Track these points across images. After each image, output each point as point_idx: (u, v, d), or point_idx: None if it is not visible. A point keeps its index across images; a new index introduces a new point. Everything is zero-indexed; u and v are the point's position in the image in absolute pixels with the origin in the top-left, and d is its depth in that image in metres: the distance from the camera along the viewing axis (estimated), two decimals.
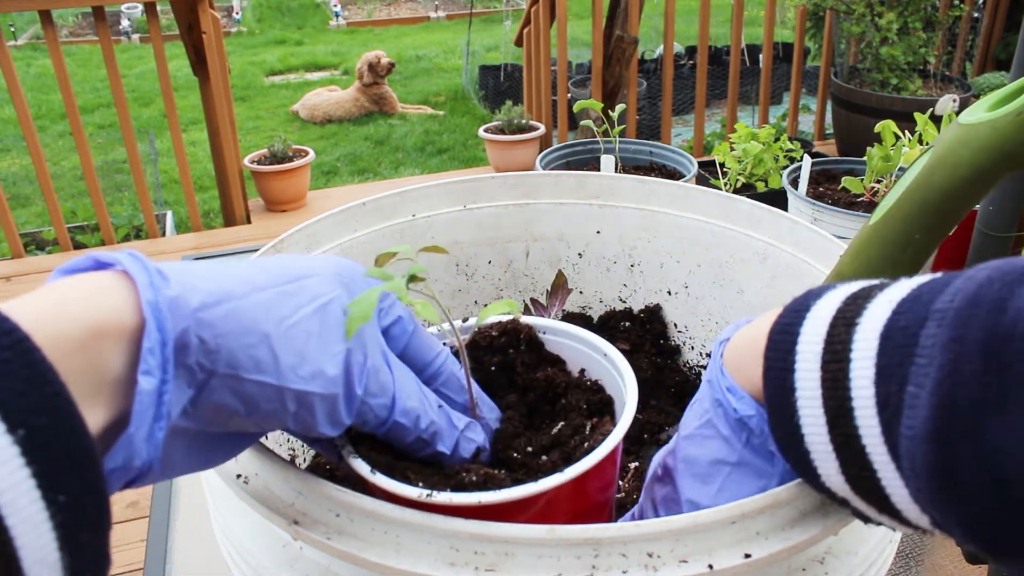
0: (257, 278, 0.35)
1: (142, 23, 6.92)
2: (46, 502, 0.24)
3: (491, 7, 7.91)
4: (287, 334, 0.34)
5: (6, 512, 0.22)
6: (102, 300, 0.29)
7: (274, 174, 3.09)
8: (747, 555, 0.34)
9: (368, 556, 0.35)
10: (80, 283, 0.30)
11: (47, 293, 0.29)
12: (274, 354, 0.34)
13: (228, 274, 0.34)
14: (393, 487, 0.37)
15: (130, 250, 0.32)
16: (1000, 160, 0.42)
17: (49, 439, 0.24)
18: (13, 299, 0.28)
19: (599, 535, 0.34)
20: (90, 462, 0.25)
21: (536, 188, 0.74)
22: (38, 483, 0.23)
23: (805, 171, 1.47)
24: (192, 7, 2.59)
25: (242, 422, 0.35)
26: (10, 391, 0.23)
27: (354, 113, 5.13)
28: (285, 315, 0.35)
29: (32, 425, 0.24)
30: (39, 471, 0.23)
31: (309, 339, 0.35)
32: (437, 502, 0.36)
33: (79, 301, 0.29)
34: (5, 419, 0.23)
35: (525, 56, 3.40)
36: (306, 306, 0.36)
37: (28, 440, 0.23)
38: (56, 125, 5.04)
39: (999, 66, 3.44)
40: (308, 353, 0.35)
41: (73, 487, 0.25)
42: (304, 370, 0.35)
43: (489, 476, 0.39)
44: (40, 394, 0.24)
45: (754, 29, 6.07)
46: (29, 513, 0.23)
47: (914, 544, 0.72)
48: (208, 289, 0.32)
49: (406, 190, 0.70)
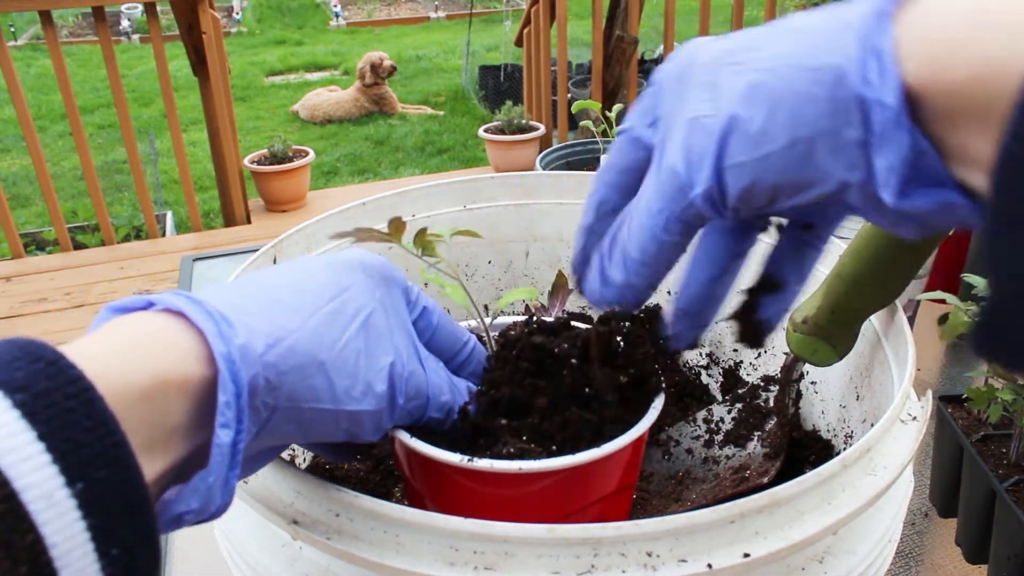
0: (303, 304, 0.35)
1: (142, 23, 6.92)
2: (98, 554, 0.23)
3: (491, 7, 7.91)
4: (339, 357, 0.35)
5: (59, 565, 0.22)
6: (167, 349, 0.29)
7: (274, 174, 3.09)
8: (746, 554, 0.35)
9: (368, 556, 0.35)
10: (142, 328, 0.30)
11: (109, 337, 0.29)
12: (330, 380, 0.34)
13: (276, 302, 0.34)
14: (435, 453, 0.38)
15: (183, 293, 0.32)
16: None
17: (107, 492, 0.24)
18: (74, 342, 0.28)
19: (598, 535, 0.34)
20: (145, 514, 0.25)
21: (536, 188, 0.74)
22: (92, 536, 0.23)
23: None
24: (192, 7, 2.59)
25: (294, 440, 0.36)
26: (72, 443, 0.23)
27: (354, 113, 5.14)
28: (336, 338, 0.35)
29: (91, 478, 0.23)
30: (94, 524, 0.23)
31: (358, 358, 0.36)
32: (478, 468, 0.37)
33: (144, 349, 0.28)
34: (65, 472, 0.23)
35: (525, 56, 3.41)
36: (351, 324, 0.36)
37: (86, 493, 0.23)
38: (56, 125, 5.05)
39: None
40: (358, 373, 0.35)
41: (126, 539, 0.24)
42: (356, 390, 0.35)
43: (524, 449, 0.39)
44: (101, 445, 0.24)
45: None
46: (81, 566, 0.23)
47: (914, 544, 0.72)
48: (266, 329, 0.32)
49: (406, 190, 0.70)
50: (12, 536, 0.21)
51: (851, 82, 0.26)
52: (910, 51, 0.25)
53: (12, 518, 0.22)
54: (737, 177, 0.30)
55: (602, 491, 0.41)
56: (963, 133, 0.24)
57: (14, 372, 0.24)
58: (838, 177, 0.28)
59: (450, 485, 0.40)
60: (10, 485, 0.22)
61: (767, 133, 0.29)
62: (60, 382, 0.24)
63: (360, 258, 0.40)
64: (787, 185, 0.30)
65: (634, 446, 0.40)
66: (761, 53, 0.30)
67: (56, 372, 0.24)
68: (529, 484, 0.38)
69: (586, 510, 0.41)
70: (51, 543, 0.22)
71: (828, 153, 0.28)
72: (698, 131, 0.31)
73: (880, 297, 0.50)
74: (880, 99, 0.25)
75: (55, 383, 0.24)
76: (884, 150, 0.26)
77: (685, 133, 0.32)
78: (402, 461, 0.43)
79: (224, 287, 0.34)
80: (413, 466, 0.42)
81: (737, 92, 0.30)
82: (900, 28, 0.25)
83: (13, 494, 0.22)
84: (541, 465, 0.37)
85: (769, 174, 0.29)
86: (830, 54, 0.27)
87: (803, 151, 0.28)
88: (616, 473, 0.41)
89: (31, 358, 0.24)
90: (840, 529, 0.39)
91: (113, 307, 0.32)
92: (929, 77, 0.24)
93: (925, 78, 0.24)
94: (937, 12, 0.24)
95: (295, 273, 0.37)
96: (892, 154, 0.25)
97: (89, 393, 0.24)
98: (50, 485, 0.22)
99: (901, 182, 0.26)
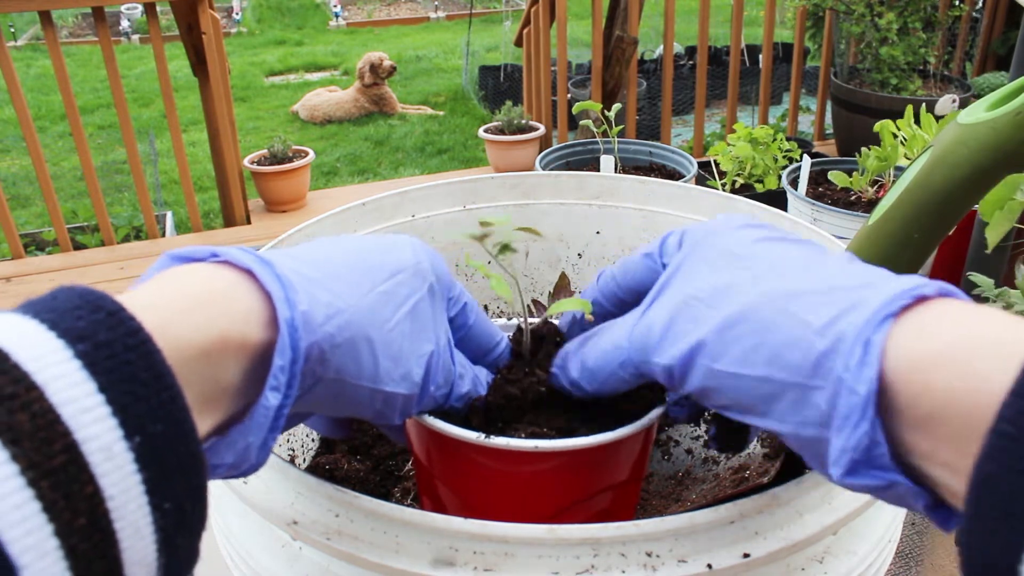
0: (361, 280, 0.35)
1: (142, 23, 6.91)
2: (151, 507, 0.23)
3: (491, 7, 7.91)
4: (387, 338, 0.35)
5: (115, 517, 0.22)
6: (230, 308, 0.29)
7: (274, 174, 3.09)
8: (746, 555, 0.35)
9: (368, 556, 0.35)
10: (206, 284, 0.29)
11: (171, 289, 0.29)
12: (375, 359, 0.34)
13: (336, 275, 0.34)
14: (451, 430, 0.38)
15: (250, 250, 0.32)
16: (999, 160, 0.43)
17: (162, 447, 0.24)
18: (134, 291, 0.28)
19: (598, 535, 0.34)
20: (197, 471, 0.25)
21: (536, 188, 0.74)
22: (146, 489, 0.23)
23: (804, 171, 1.47)
24: (192, 7, 2.59)
25: (321, 410, 0.36)
26: (131, 395, 0.23)
27: (354, 113, 5.13)
28: (386, 318, 0.35)
29: (148, 432, 0.23)
30: (149, 478, 0.23)
31: (403, 342, 0.36)
32: (493, 445, 0.37)
33: (207, 306, 0.28)
34: (123, 425, 0.23)
35: (525, 56, 3.40)
36: (402, 307, 0.36)
37: (143, 447, 0.23)
38: (56, 126, 5.04)
39: (998, 61, 3.44)
40: (401, 356, 0.36)
41: (178, 494, 0.24)
42: (396, 373, 0.35)
43: (536, 432, 0.40)
44: (158, 400, 0.24)
45: (754, 29, 6.07)
46: (135, 518, 0.23)
47: (914, 544, 0.72)
48: (326, 300, 0.32)
49: (406, 190, 0.70)
50: (72, 487, 0.21)
51: (836, 358, 0.27)
52: (897, 352, 0.26)
53: (73, 469, 0.22)
54: (703, 376, 0.32)
55: (612, 479, 0.41)
56: (929, 437, 0.25)
57: (76, 321, 0.23)
58: (791, 425, 0.30)
59: (465, 464, 0.41)
60: (72, 436, 0.22)
61: (747, 359, 0.30)
62: (120, 333, 0.24)
63: (413, 245, 0.40)
64: (743, 407, 0.31)
65: (645, 435, 0.41)
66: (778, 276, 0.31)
67: (116, 323, 0.24)
68: (543, 463, 0.39)
69: (595, 498, 0.41)
70: (108, 495, 0.22)
71: (792, 403, 0.29)
72: (689, 313, 0.33)
73: None
74: (853, 386, 0.27)
75: (115, 334, 0.24)
76: (843, 432, 0.27)
77: (678, 305, 0.34)
78: (415, 442, 0.43)
79: (286, 253, 0.34)
80: (428, 446, 0.42)
81: (738, 302, 0.31)
82: (897, 329, 0.27)
83: (74, 444, 0.22)
84: (556, 444, 0.38)
85: (732, 390, 0.31)
86: (835, 322, 0.28)
87: (771, 390, 0.30)
88: (627, 461, 0.42)
89: (92, 307, 0.24)
90: (840, 529, 0.39)
91: (174, 255, 0.31)
92: (906, 380, 0.26)
93: (903, 380, 0.26)
94: (933, 326, 0.26)
95: (353, 249, 0.37)
96: (850, 438, 0.27)
97: (148, 346, 0.24)
98: (109, 438, 0.22)
99: (851, 464, 0.27)
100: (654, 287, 0.36)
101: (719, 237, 0.35)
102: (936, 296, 0.28)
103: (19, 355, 0.22)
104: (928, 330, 0.26)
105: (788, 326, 0.29)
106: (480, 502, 0.42)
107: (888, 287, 0.28)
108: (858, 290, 0.29)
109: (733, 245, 0.34)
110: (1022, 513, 0.21)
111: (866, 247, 0.49)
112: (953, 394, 0.24)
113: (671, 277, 0.36)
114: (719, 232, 0.36)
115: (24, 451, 0.21)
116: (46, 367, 0.22)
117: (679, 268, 0.35)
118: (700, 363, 0.32)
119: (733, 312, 0.31)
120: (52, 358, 0.22)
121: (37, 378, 0.22)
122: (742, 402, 0.31)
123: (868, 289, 0.29)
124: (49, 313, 0.24)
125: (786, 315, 0.30)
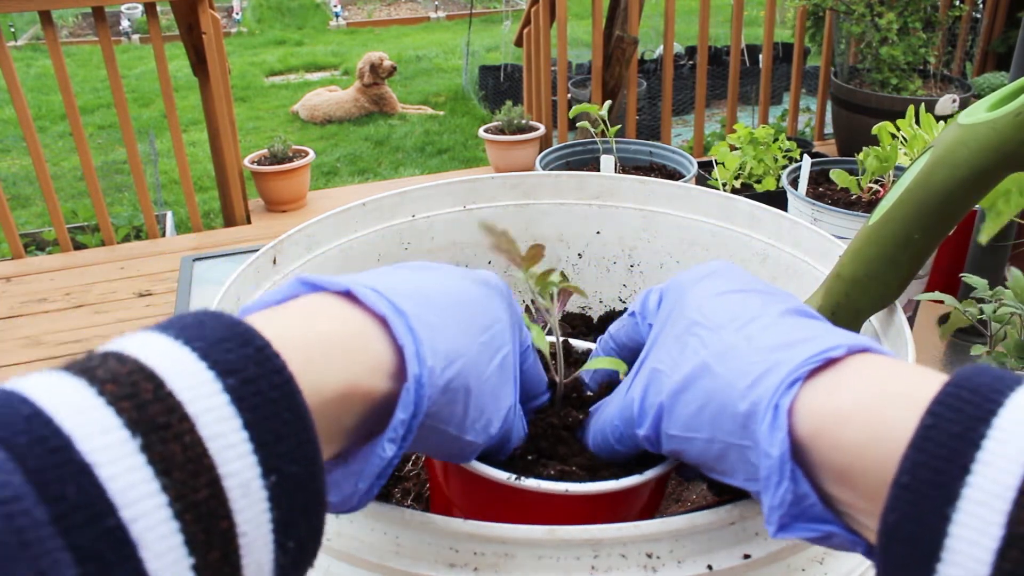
0: (470, 327, 0.34)
1: (142, 23, 6.91)
2: (276, 546, 0.24)
3: (491, 7, 7.90)
4: (481, 389, 0.34)
5: (244, 553, 0.23)
6: (364, 356, 0.29)
7: (274, 174, 3.09)
8: (746, 556, 0.35)
9: (368, 556, 0.35)
10: (341, 326, 0.29)
11: (307, 325, 0.29)
12: (467, 409, 0.34)
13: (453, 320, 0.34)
14: (483, 470, 0.38)
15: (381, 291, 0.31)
16: (999, 160, 0.42)
17: (294, 487, 0.24)
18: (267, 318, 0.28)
19: (598, 536, 0.34)
20: (320, 511, 0.26)
21: (536, 188, 0.74)
22: (274, 528, 0.23)
23: (805, 171, 1.47)
24: (192, 7, 2.59)
25: None
26: (272, 435, 0.23)
27: (354, 113, 5.13)
28: (482, 371, 0.35)
29: (284, 472, 0.24)
30: (278, 517, 0.24)
31: (491, 395, 0.35)
32: (524, 487, 0.37)
33: (342, 353, 0.28)
34: (262, 463, 0.23)
35: (525, 56, 3.40)
36: (495, 358, 0.36)
37: (277, 486, 0.23)
38: (56, 126, 5.04)
39: (998, 61, 3.44)
40: (486, 408, 0.35)
41: (301, 534, 0.25)
42: (479, 424, 0.35)
43: (566, 472, 0.40)
44: (297, 441, 0.24)
45: (754, 29, 6.06)
46: (260, 555, 0.23)
47: None
48: (444, 350, 0.32)
49: (406, 190, 0.70)
50: (211, 521, 0.22)
51: (756, 420, 0.29)
52: (808, 412, 0.28)
53: (215, 503, 0.22)
54: (668, 441, 0.34)
55: (628, 516, 0.41)
56: (846, 489, 0.27)
57: (226, 353, 0.24)
58: (740, 481, 0.32)
59: (488, 499, 0.40)
60: (216, 471, 0.22)
61: (694, 423, 0.32)
62: (267, 370, 0.24)
63: (503, 290, 0.40)
64: (706, 466, 0.34)
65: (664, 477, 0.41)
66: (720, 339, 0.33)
67: (263, 359, 0.24)
68: (569, 505, 0.38)
69: None
70: (241, 531, 0.22)
71: (736, 460, 0.31)
72: (654, 384, 0.35)
73: (880, 297, 0.50)
74: (767, 449, 0.28)
75: (262, 371, 0.24)
76: (768, 491, 0.29)
77: (647, 378, 0.36)
78: (439, 472, 0.43)
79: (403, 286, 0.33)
80: (450, 479, 0.42)
81: (685, 369, 0.33)
82: (807, 391, 0.28)
83: (218, 479, 0.22)
84: (587, 488, 0.37)
85: (691, 452, 0.33)
86: (753, 386, 0.30)
87: (719, 450, 0.32)
88: (643, 501, 0.42)
89: (240, 340, 0.24)
90: None
91: (305, 281, 0.31)
92: (817, 437, 0.27)
93: (815, 437, 0.28)
94: (844, 384, 0.28)
95: (456, 290, 0.36)
96: (774, 497, 0.28)
97: (291, 386, 0.24)
98: (249, 475, 0.23)
99: (781, 519, 0.29)
100: (637, 361, 0.39)
101: (685, 297, 0.37)
102: (849, 355, 0.29)
103: (173, 384, 0.22)
104: (838, 389, 0.28)
105: (720, 390, 0.31)
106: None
107: (803, 349, 0.30)
108: (777, 352, 0.30)
109: (691, 308, 0.36)
110: (923, 559, 0.22)
111: (866, 247, 0.49)
112: (861, 448, 0.26)
113: (647, 351, 0.38)
114: (686, 290, 0.38)
115: (174, 482, 0.21)
116: (197, 399, 0.22)
117: (654, 341, 0.38)
118: (663, 429, 0.34)
119: (681, 379, 0.33)
120: (203, 390, 0.23)
121: (189, 409, 0.22)
122: (701, 462, 0.33)
123: (786, 351, 0.30)
124: (199, 342, 0.24)
125: (718, 379, 0.32)
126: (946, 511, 0.22)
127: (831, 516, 0.28)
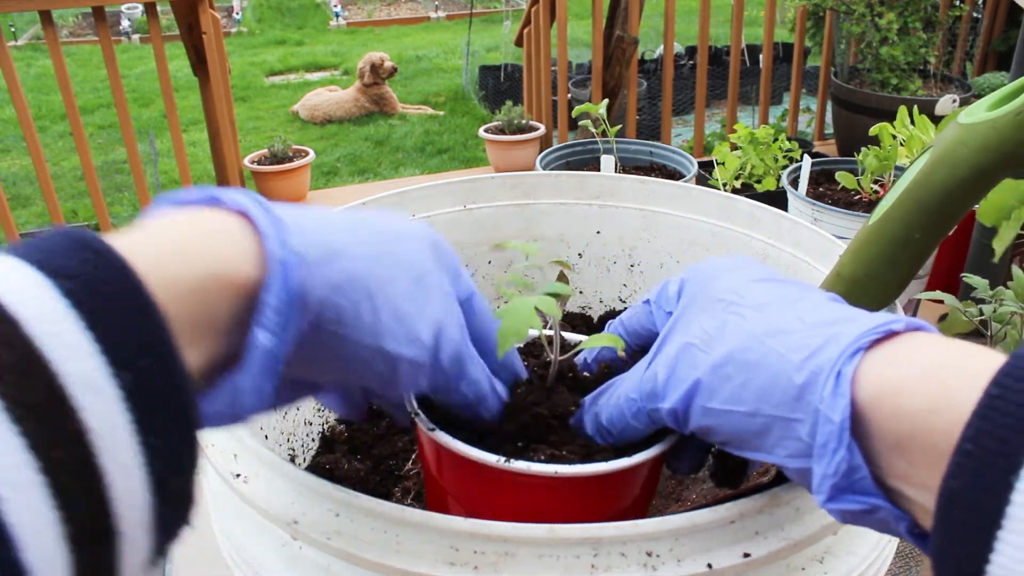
0: (359, 231, 0.35)
1: (142, 23, 6.91)
2: (140, 444, 0.23)
3: (491, 7, 7.90)
4: (388, 293, 0.34)
5: (99, 451, 0.22)
6: (223, 246, 0.29)
7: (274, 174, 3.08)
8: (746, 554, 0.35)
9: (368, 556, 0.35)
10: (201, 223, 0.29)
11: (164, 229, 0.29)
12: (375, 313, 0.33)
13: (332, 225, 0.34)
14: (473, 453, 0.38)
15: (249, 192, 0.32)
16: (999, 160, 0.42)
17: (149, 382, 0.24)
18: (128, 233, 0.28)
19: (598, 534, 0.34)
20: (187, 409, 0.25)
21: (536, 188, 0.74)
22: (136, 428, 0.23)
23: (805, 171, 1.47)
24: (192, 7, 2.59)
25: (323, 375, 0.35)
26: (117, 331, 0.23)
27: (354, 113, 5.13)
28: (388, 276, 0.34)
29: (137, 366, 0.23)
30: (138, 417, 0.23)
31: (406, 303, 0.35)
32: (514, 468, 0.37)
33: (199, 244, 0.28)
34: (111, 360, 0.23)
35: (525, 56, 3.40)
36: (407, 272, 0.36)
37: (132, 383, 0.23)
38: (56, 125, 5.04)
39: (998, 61, 3.44)
40: (404, 316, 0.35)
41: (168, 432, 0.24)
42: (399, 333, 0.34)
43: (555, 456, 0.40)
44: (147, 336, 0.24)
45: (754, 29, 6.06)
46: (121, 454, 0.23)
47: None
48: (323, 243, 0.32)
49: (406, 190, 0.70)
50: (55, 422, 0.21)
51: (813, 391, 0.30)
52: (869, 381, 0.29)
53: (56, 404, 0.22)
54: (700, 416, 0.34)
55: (621, 503, 0.41)
56: (903, 458, 0.27)
57: (64, 260, 0.24)
58: (781, 457, 0.32)
59: (480, 484, 0.40)
60: (50, 369, 0.22)
61: (737, 396, 0.33)
62: (108, 272, 0.24)
63: (426, 227, 0.39)
64: (739, 441, 0.34)
65: (655, 461, 0.41)
66: (764, 317, 0.34)
67: (104, 262, 0.24)
68: (560, 488, 0.39)
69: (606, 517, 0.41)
70: (90, 428, 0.22)
71: (780, 435, 0.31)
72: (687, 358, 0.35)
73: (880, 297, 0.50)
74: (828, 415, 0.29)
75: (103, 273, 0.24)
76: (823, 459, 0.29)
77: (677, 353, 0.36)
78: (429, 458, 0.43)
79: (286, 206, 0.34)
80: (443, 468, 0.42)
81: (728, 344, 0.34)
82: (868, 360, 0.29)
83: (53, 378, 0.22)
84: (576, 470, 0.37)
85: (726, 426, 0.33)
86: (812, 357, 0.30)
87: (761, 424, 0.32)
88: (636, 488, 0.42)
89: (79, 246, 0.24)
90: (840, 529, 0.39)
91: (171, 198, 0.31)
92: (878, 405, 0.28)
93: (875, 406, 0.28)
94: (903, 356, 0.29)
95: (362, 212, 0.37)
96: (829, 465, 0.29)
97: (132, 281, 0.24)
98: (94, 373, 0.22)
99: (832, 490, 0.29)
100: (657, 339, 0.39)
101: (713, 282, 0.38)
102: (906, 330, 0.30)
103: (3, 292, 0.22)
104: (898, 360, 0.29)
105: (771, 363, 0.32)
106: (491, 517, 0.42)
107: (861, 323, 0.30)
108: (834, 326, 0.31)
109: (724, 290, 0.37)
110: (984, 526, 0.22)
111: (866, 247, 0.49)
112: (922, 416, 0.26)
113: (671, 328, 0.38)
114: (713, 277, 0.38)
115: (6, 386, 0.21)
116: (26, 301, 0.22)
117: (678, 319, 0.38)
118: (697, 403, 0.34)
119: (723, 353, 0.33)
120: (33, 293, 0.22)
121: (21, 314, 0.22)
122: (737, 437, 0.33)
123: (843, 325, 0.31)
124: (38, 253, 0.24)
125: (769, 353, 0.32)
126: (1010, 479, 0.22)
127: (877, 489, 0.28)
